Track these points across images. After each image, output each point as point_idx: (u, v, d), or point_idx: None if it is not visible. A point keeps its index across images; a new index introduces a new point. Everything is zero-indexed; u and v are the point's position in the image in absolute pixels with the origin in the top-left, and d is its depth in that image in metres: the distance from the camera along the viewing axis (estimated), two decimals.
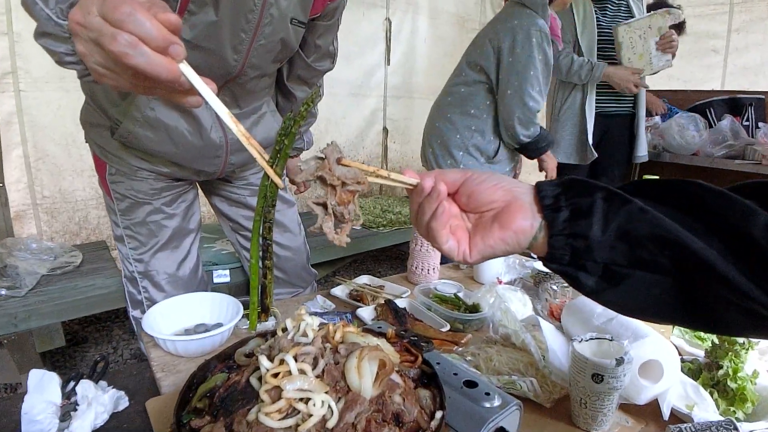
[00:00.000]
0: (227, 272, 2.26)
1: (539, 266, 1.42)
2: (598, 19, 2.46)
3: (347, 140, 3.80)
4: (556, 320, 1.13)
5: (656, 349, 0.83)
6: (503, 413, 0.67)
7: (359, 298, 1.26)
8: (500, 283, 1.37)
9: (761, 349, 0.98)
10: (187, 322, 1.09)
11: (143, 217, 1.30)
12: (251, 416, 0.53)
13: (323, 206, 0.54)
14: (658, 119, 3.30)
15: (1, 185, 2.28)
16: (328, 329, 0.64)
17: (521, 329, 1.00)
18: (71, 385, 1.48)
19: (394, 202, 3.70)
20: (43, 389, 1.33)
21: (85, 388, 1.47)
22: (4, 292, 1.84)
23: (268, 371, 0.55)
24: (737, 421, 0.77)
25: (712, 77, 4.09)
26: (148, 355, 1.01)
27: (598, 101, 2.50)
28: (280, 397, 0.53)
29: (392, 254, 3.85)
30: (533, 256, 0.54)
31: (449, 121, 2.14)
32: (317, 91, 0.70)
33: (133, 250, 1.33)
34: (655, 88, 3.05)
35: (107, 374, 1.77)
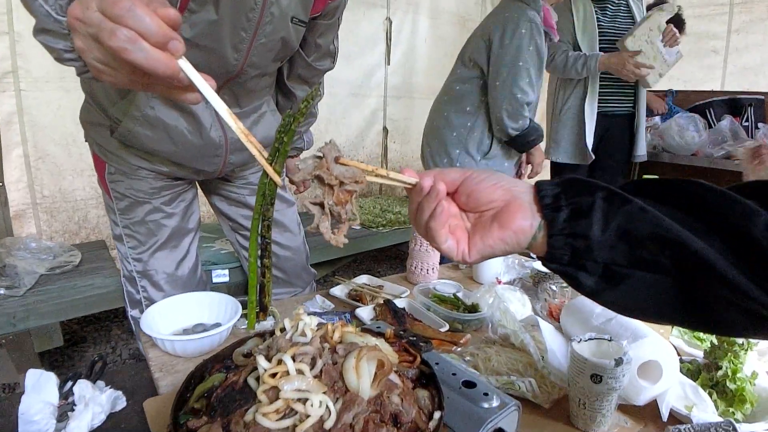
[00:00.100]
0: (226, 272, 2.26)
1: (538, 266, 1.42)
2: (598, 19, 2.46)
3: (347, 140, 3.80)
4: (555, 320, 1.13)
5: (655, 349, 0.83)
6: (502, 414, 0.67)
7: (358, 297, 1.26)
8: (499, 283, 1.37)
9: (760, 350, 0.97)
10: (185, 321, 1.09)
11: (142, 216, 1.30)
12: (249, 417, 0.53)
13: (320, 206, 0.54)
14: (657, 119, 3.30)
15: (0, 184, 2.28)
16: (326, 329, 0.63)
17: (520, 329, 1.00)
18: (69, 385, 1.47)
19: (393, 201, 3.69)
20: (40, 389, 1.32)
21: (82, 388, 1.46)
22: (2, 291, 1.83)
23: (265, 371, 0.55)
24: (736, 422, 0.77)
25: (711, 78, 4.08)
26: (146, 354, 1.01)
27: (598, 101, 2.49)
28: (277, 397, 0.53)
29: (391, 254, 3.85)
30: (533, 255, 0.54)
31: (446, 119, 2.14)
32: (317, 89, 0.70)
33: (131, 249, 1.33)
34: (655, 87, 3.05)
35: (105, 374, 1.76)
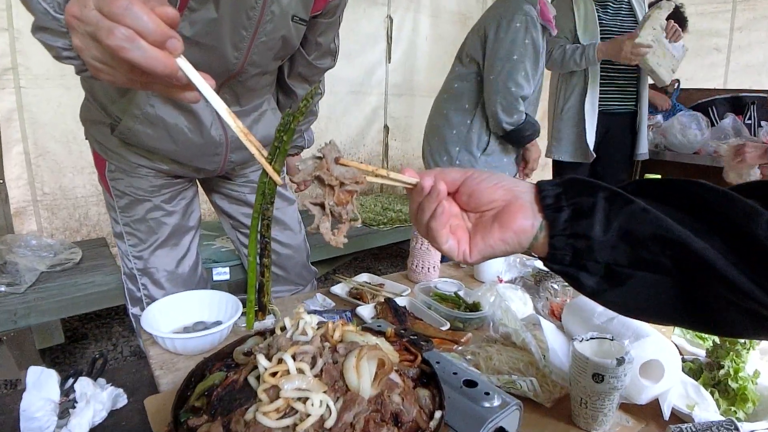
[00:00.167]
0: (227, 270, 2.26)
1: (540, 265, 1.41)
2: (599, 17, 2.45)
3: (348, 138, 3.79)
4: (556, 319, 1.13)
5: (657, 348, 0.82)
6: (503, 413, 0.67)
7: (359, 296, 1.26)
8: (501, 281, 1.37)
9: (762, 349, 0.97)
10: (186, 319, 1.09)
11: (143, 214, 1.30)
12: (249, 415, 0.53)
13: (321, 206, 0.54)
14: (660, 118, 3.29)
15: (1, 182, 2.28)
16: (327, 328, 0.63)
17: (522, 328, 1.00)
18: (70, 382, 1.48)
19: (394, 199, 3.69)
20: (41, 386, 1.33)
21: (83, 385, 1.47)
22: (3, 288, 1.84)
23: (266, 370, 0.55)
24: (738, 421, 0.77)
25: (714, 76, 4.07)
26: (147, 352, 1.01)
27: (600, 99, 2.48)
28: (278, 396, 0.53)
29: (392, 252, 3.85)
30: (534, 255, 0.53)
31: (446, 117, 2.14)
32: (316, 87, 0.69)
33: (132, 247, 1.33)
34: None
35: (106, 371, 1.77)
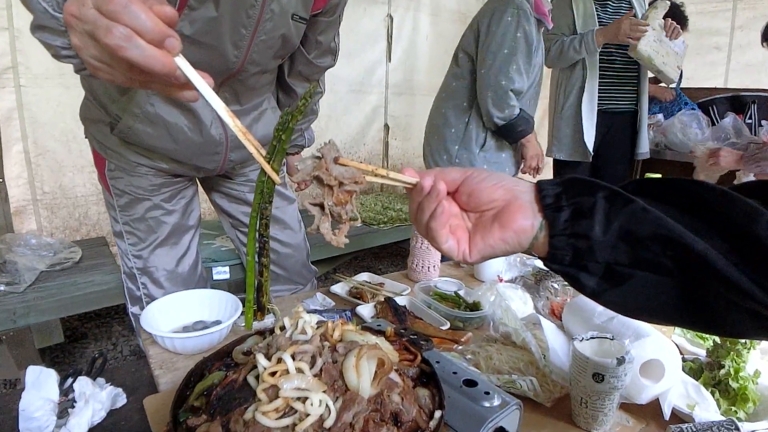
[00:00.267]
0: (227, 269, 2.26)
1: (540, 264, 1.41)
2: (599, 16, 2.44)
3: (348, 137, 3.79)
4: (557, 319, 1.13)
5: (657, 348, 0.82)
6: (503, 413, 0.67)
7: (359, 295, 1.26)
8: (501, 281, 1.36)
9: (763, 348, 0.97)
10: (185, 319, 1.09)
11: (142, 213, 1.30)
12: (248, 415, 0.53)
13: (320, 207, 0.53)
14: (660, 117, 3.29)
15: (1, 181, 2.28)
16: (326, 327, 0.63)
17: (522, 328, 0.99)
18: (69, 381, 1.48)
19: (394, 199, 3.69)
20: (40, 386, 1.33)
21: (82, 385, 1.46)
22: (3, 287, 1.84)
23: (265, 370, 0.55)
24: (738, 421, 0.77)
25: (714, 75, 4.06)
26: (146, 352, 1.01)
27: (600, 98, 2.48)
28: (277, 395, 0.53)
29: (392, 251, 3.85)
30: (534, 255, 0.53)
31: (444, 117, 2.14)
32: (315, 86, 0.69)
33: (132, 246, 1.33)
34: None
35: (106, 371, 1.77)
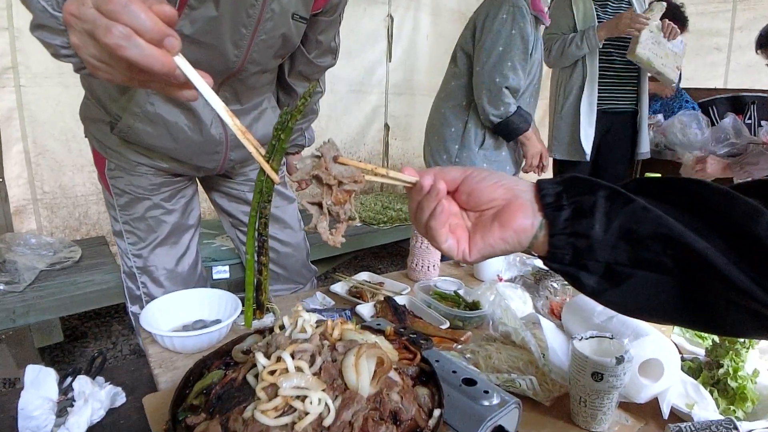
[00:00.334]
0: (226, 268, 2.26)
1: (540, 264, 1.41)
2: (599, 16, 2.44)
3: (348, 137, 3.79)
4: (556, 318, 1.13)
5: (657, 347, 0.82)
6: (502, 412, 0.67)
7: (359, 295, 1.26)
8: (500, 280, 1.36)
9: (762, 348, 0.97)
10: (185, 318, 1.09)
11: (142, 212, 1.30)
12: (247, 414, 0.53)
13: (318, 205, 0.53)
14: (660, 117, 3.29)
15: (1, 180, 2.28)
16: (326, 326, 0.63)
17: (521, 327, 0.99)
18: (68, 380, 1.47)
19: (394, 198, 3.69)
20: (39, 385, 1.33)
21: (81, 384, 1.46)
22: (2, 287, 1.84)
23: (264, 368, 0.55)
24: (737, 420, 0.76)
25: (714, 75, 4.06)
26: (145, 351, 1.01)
27: (600, 98, 2.49)
28: (276, 394, 0.53)
29: (392, 251, 3.85)
30: (534, 254, 0.53)
31: (444, 116, 2.14)
32: (314, 85, 0.69)
33: (132, 245, 1.32)
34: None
35: (105, 370, 1.77)
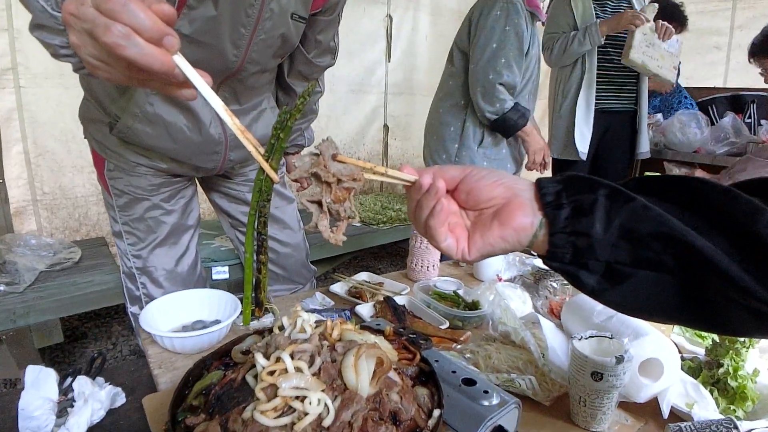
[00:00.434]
0: (226, 269, 2.26)
1: (539, 263, 1.41)
2: (598, 16, 2.44)
3: (348, 137, 3.79)
4: (556, 318, 1.13)
5: (656, 347, 0.82)
6: (502, 411, 0.67)
7: (358, 295, 1.26)
8: (500, 280, 1.36)
9: (762, 347, 0.97)
10: (184, 318, 1.09)
11: (141, 213, 1.29)
12: (247, 414, 0.53)
13: (318, 204, 0.53)
14: (660, 117, 3.29)
15: (1, 181, 2.28)
16: (325, 326, 0.63)
17: (521, 327, 0.99)
18: (68, 381, 1.47)
19: (393, 198, 3.69)
20: (39, 385, 1.32)
21: (81, 384, 1.46)
22: (2, 288, 1.84)
23: (264, 369, 0.55)
24: (737, 419, 0.76)
25: (714, 74, 4.06)
26: (145, 351, 1.01)
27: (599, 98, 2.49)
28: (276, 395, 0.53)
29: (392, 251, 3.85)
30: (533, 254, 0.53)
31: (442, 116, 2.14)
32: (313, 85, 0.69)
33: (131, 246, 1.32)
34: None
35: (105, 370, 1.76)
